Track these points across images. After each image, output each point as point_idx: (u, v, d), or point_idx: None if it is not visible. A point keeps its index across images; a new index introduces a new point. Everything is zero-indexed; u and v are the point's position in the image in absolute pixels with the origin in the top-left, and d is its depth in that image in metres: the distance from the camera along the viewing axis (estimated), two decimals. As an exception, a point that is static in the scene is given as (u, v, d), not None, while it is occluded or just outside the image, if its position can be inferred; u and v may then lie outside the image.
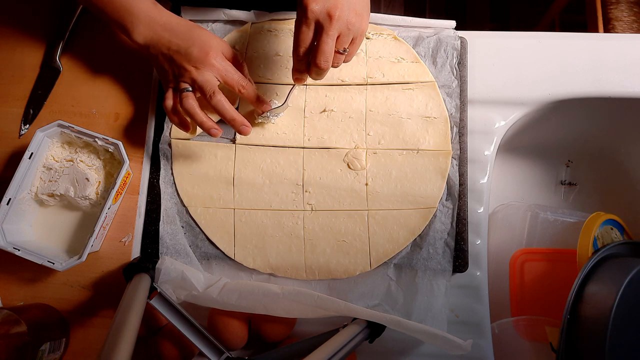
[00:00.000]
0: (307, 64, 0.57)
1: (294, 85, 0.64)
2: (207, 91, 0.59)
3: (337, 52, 0.56)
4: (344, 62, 0.59)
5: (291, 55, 0.56)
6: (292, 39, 0.72)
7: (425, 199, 0.65)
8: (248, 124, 0.62)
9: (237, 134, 0.68)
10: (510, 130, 0.70)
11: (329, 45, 0.54)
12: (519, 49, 0.71)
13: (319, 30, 0.54)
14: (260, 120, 0.67)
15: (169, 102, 0.62)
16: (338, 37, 0.55)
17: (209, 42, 0.61)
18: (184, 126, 0.63)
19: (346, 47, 0.56)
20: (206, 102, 0.60)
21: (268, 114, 0.65)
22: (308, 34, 0.55)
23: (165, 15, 0.61)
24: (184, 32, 0.61)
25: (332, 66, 0.57)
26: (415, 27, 0.71)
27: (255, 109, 0.65)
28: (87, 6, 0.63)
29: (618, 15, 1.15)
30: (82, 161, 0.66)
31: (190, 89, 0.60)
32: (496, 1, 1.77)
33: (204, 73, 0.59)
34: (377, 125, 0.68)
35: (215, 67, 0.60)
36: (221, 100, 0.60)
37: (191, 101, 0.60)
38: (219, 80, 0.61)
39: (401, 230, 0.65)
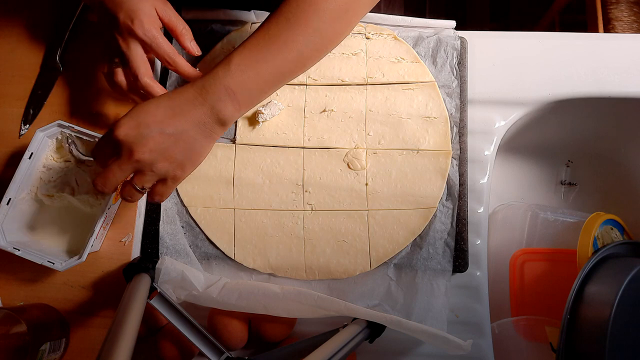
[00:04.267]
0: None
1: None
2: (132, 70, 0.56)
3: (132, 186, 0.51)
4: (153, 200, 0.54)
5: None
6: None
7: (425, 199, 0.65)
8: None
9: (236, 134, 0.68)
10: (510, 130, 0.70)
11: (113, 174, 0.49)
12: (519, 49, 0.71)
13: (116, 154, 0.49)
14: (261, 120, 0.67)
15: (104, 69, 0.59)
16: (137, 173, 0.50)
17: (137, 6, 0.54)
18: (122, 95, 0.60)
19: (146, 186, 0.51)
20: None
21: (265, 115, 0.67)
22: (103, 149, 0.51)
23: None
24: None
25: (123, 197, 0.52)
26: (415, 27, 0.71)
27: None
28: None
29: (618, 15, 1.15)
30: (82, 161, 0.66)
31: (119, 63, 0.57)
32: (496, 1, 1.77)
33: (130, 45, 0.55)
34: (377, 125, 0.68)
35: (140, 38, 0.55)
36: (148, 83, 0.56)
37: (120, 78, 0.57)
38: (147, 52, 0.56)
39: (401, 230, 0.65)
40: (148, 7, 0.55)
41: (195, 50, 0.61)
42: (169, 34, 0.61)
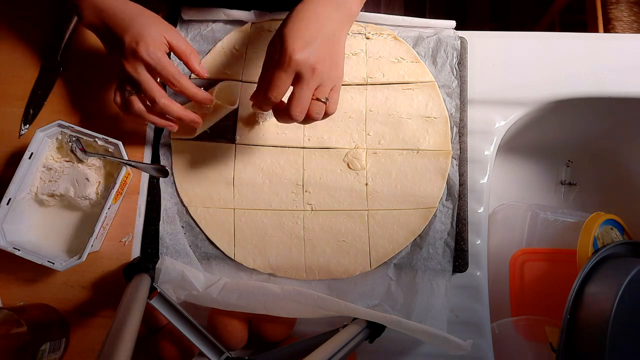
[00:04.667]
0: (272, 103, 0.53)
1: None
2: (147, 95, 0.56)
3: (317, 99, 0.52)
4: (326, 113, 0.54)
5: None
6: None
7: (425, 199, 0.65)
8: (198, 119, 0.60)
9: (236, 134, 0.68)
10: (510, 130, 0.70)
11: (307, 96, 0.51)
12: (519, 49, 0.71)
13: (298, 79, 0.50)
14: (261, 120, 0.67)
15: (117, 99, 0.59)
16: (317, 87, 0.52)
17: (144, 31, 0.55)
18: (140, 119, 0.60)
19: (327, 95, 0.53)
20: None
21: (265, 115, 0.67)
22: (286, 82, 0.50)
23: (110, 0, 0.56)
24: (122, 20, 0.55)
25: (312, 117, 0.53)
26: (415, 27, 0.71)
27: (199, 104, 0.62)
28: None
29: (618, 15, 1.15)
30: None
31: (133, 91, 0.57)
32: (496, 1, 1.77)
33: (137, 68, 0.55)
34: (377, 125, 0.68)
35: (145, 61, 0.54)
36: (166, 104, 0.57)
37: (138, 106, 0.57)
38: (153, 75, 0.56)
39: (401, 230, 0.65)
40: (155, 31, 0.56)
41: (203, 72, 0.62)
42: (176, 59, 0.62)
